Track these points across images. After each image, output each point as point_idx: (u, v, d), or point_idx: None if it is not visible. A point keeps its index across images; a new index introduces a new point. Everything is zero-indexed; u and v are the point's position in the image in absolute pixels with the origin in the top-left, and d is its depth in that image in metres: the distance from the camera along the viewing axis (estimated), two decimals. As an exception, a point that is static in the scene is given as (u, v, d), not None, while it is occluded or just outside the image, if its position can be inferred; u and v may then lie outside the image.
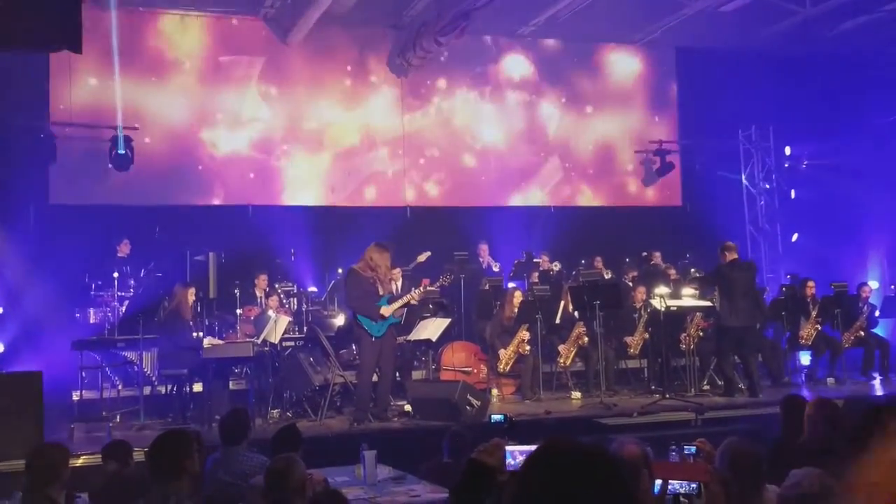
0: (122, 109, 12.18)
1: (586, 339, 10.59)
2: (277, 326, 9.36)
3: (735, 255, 10.17)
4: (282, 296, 11.14)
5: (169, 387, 9.54)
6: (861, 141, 14.36)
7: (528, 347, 10.31)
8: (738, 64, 14.33)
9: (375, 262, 8.89)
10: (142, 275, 11.10)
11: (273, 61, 13.25)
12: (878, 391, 10.60)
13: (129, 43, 12.45)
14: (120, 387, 9.80)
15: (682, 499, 3.60)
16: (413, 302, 9.22)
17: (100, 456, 6.02)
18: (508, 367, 10.42)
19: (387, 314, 8.80)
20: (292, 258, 12.07)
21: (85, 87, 12.30)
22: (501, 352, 10.40)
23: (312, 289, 11.92)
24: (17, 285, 10.52)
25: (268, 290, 11.14)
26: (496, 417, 6.80)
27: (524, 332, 10.31)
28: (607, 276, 12.28)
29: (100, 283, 10.78)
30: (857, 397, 9.24)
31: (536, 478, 1.65)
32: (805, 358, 11.48)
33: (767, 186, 15.18)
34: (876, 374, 11.52)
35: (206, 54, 13.02)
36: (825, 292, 11.84)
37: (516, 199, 14.37)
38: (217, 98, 13.00)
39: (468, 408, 8.55)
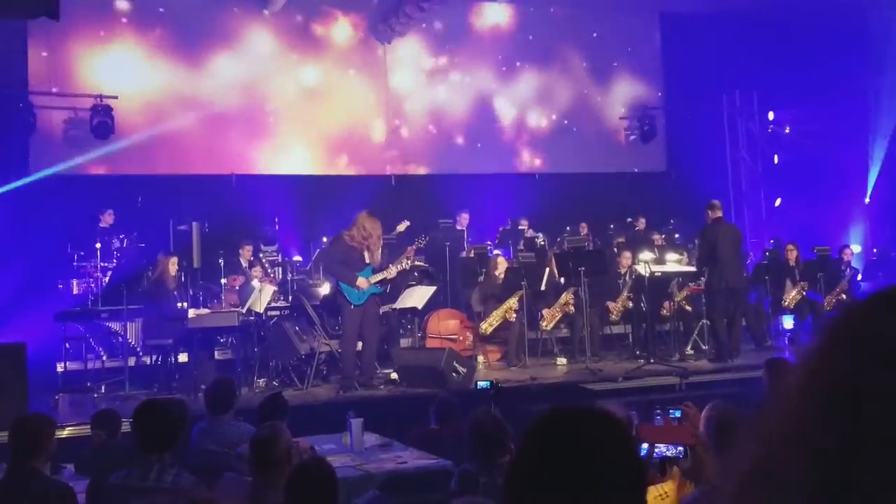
0: (102, 78, 12.04)
1: (573, 307, 10.61)
2: (262, 295, 9.32)
3: (720, 213, 10.12)
4: (266, 265, 11.10)
5: (154, 357, 9.50)
6: (843, 106, 14.37)
7: (514, 316, 10.33)
8: (722, 29, 14.24)
9: (367, 231, 8.80)
10: (125, 245, 11.02)
11: (254, 29, 13.08)
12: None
13: (108, 12, 12.28)
14: (104, 357, 9.74)
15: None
16: (390, 277, 9.13)
17: (84, 426, 6.02)
18: (491, 330, 10.42)
19: (364, 286, 8.72)
20: (276, 228, 12.00)
21: (64, 56, 12.12)
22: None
23: (297, 258, 11.88)
24: (-1, 256, 10.43)
25: (252, 259, 11.09)
26: (482, 384, 6.84)
27: (513, 300, 10.31)
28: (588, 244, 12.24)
29: (82, 253, 10.69)
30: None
31: (547, 445, 1.64)
32: (788, 321, 11.55)
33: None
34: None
35: (188, 23, 12.82)
36: (808, 256, 11.90)
37: (501, 167, 14.31)
38: (198, 66, 12.84)
39: (454, 375, 8.58)
